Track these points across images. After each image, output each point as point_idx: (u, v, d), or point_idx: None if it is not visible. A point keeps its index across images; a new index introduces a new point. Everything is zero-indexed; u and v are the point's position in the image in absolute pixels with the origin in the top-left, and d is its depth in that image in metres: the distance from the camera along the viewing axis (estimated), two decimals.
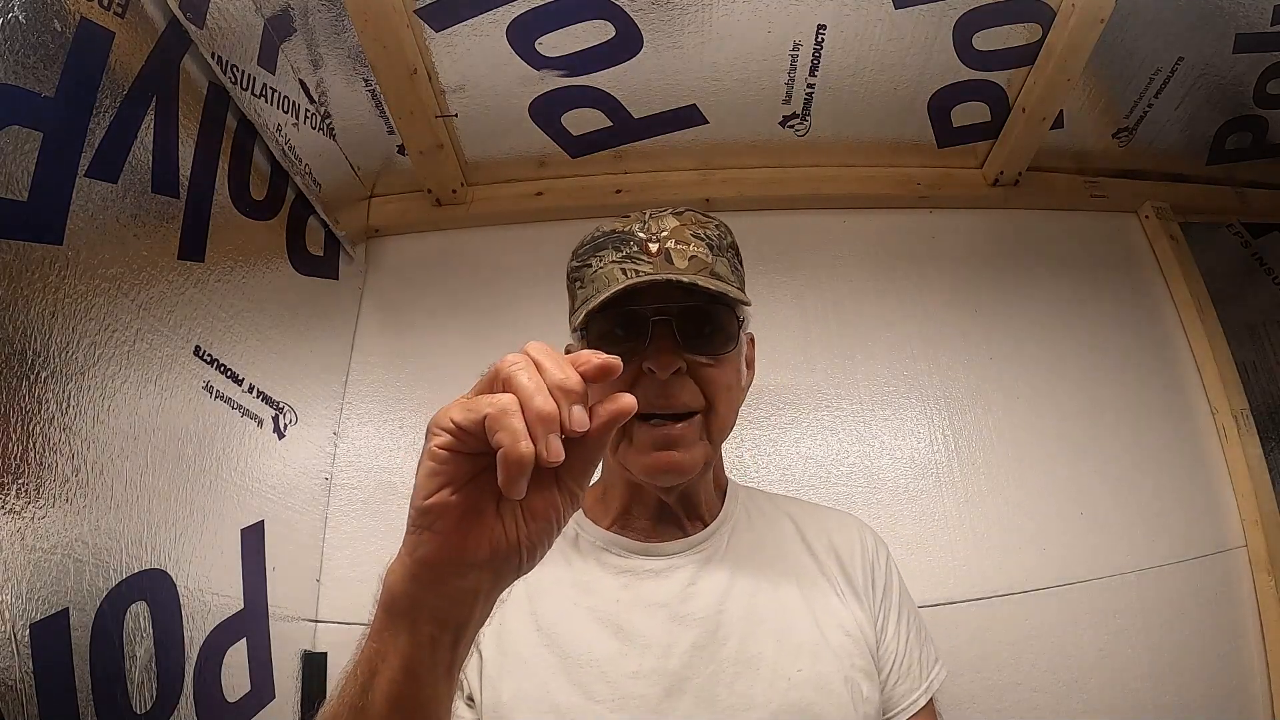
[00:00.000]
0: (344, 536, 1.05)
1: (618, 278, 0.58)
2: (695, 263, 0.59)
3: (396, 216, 1.25)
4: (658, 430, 0.58)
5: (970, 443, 1.11)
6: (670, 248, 0.60)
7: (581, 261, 0.64)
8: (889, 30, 1.05)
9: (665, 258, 0.59)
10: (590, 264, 0.62)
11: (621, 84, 1.10)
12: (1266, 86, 1.16)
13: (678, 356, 0.58)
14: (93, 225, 0.64)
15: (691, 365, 0.59)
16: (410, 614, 0.38)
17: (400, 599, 0.38)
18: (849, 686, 0.59)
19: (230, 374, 0.85)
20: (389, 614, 0.39)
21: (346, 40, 0.99)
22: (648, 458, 0.59)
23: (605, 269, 0.60)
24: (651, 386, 0.58)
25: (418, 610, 0.38)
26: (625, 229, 0.62)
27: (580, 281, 0.63)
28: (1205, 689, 1.00)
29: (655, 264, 0.59)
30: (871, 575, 0.68)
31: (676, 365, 0.57)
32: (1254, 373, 1.22)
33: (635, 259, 0.59)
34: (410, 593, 0.38)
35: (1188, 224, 1.29)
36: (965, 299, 1.20)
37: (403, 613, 0.38)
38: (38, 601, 0.55)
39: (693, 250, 0.60)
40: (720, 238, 0.64)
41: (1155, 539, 1.07)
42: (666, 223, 0.62)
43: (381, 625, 0.39)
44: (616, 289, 0.57)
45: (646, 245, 0.60)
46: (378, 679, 0.39)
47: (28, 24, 0.58)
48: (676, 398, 0.58)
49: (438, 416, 0.38)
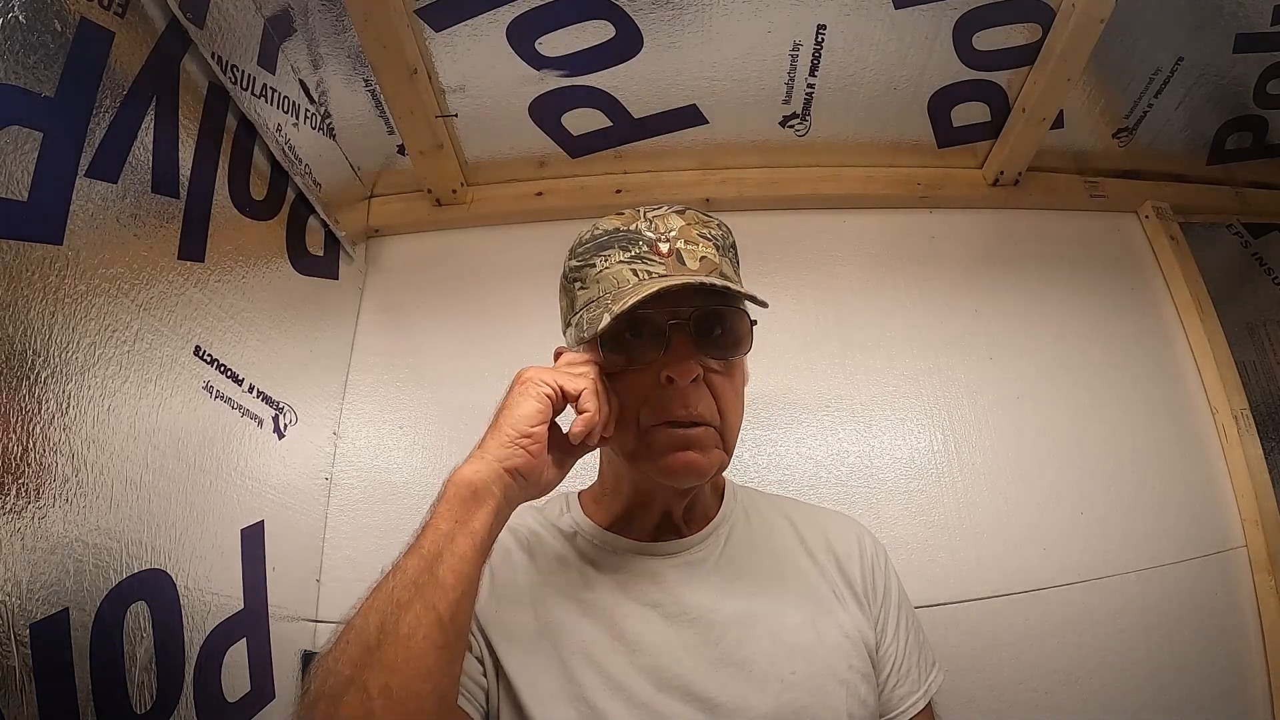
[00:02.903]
0: (344, 536, 1.05)
1: (628, 278, 0.57)
2: (706, 263, 0.59)
3: (396, 216, 1.25)
4: (677, 433, 0.58)
5: (970, 443, 1.11)
6: (681, 248, 0.59)
7: (583, 261, 0.61)
8: (889, 30, 1.05)
9: (677, 258, 0.58)
10: (594, 264, 0.60)
11: (621, 84, 1.10)
12: (1266, 86, 1.16)
13: (696, 363, 0.57)
14: (93, 225, 0.64)
15: (705, 374, 0.58)
16: (488, 499, 0.51)
17: (482, 489, 0.51)
18: (845, 688, 0.59)
19: (230, 374, 0.85)
20: (468, 500, 0.51)
21: (346, 40, 0.99)
22: (667, 459, 0.58)
23: (613, 269, 0.58)
24: (671, 394, 0.57)
25: (492, 497, 0.51)
26: (629, 227, 0.60)
27: (582, 282, 0.61)
28: (1205, 689, 1.00)
29: (668, 264, 0.58)
30: (871, 578, 0.68)
31: (696, 372, 0.57)
32: (1253, 373, 1.22)
33: (646, 259, 0.58)
34: (491, 486, 0.51)
35: (1188, 224, 1.29)
36: (965, 299, 1.20)
37: (483, 498, 0.51)
38: (38, 601, 0.55)
39: (702, 250, 0.59)
40: (723, 237, 0.63)
41: (1155, 539, 1.07)
42: (673, 222, 0.61)
43: (455, 512, 0.50)
44: (646, 293, 0.54)
45: (656, 245, 0.58)
46: (445, 556, 0.48)
47: (28, 24, 0.58)
48: (695, 406, 0.58)
49: (539, 374, 0.55)
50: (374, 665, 0.43)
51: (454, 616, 0.47)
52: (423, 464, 1.09)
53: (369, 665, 0.43)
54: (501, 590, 0.62)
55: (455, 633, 0.47)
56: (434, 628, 0.45)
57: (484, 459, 0.52)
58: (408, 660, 0.44)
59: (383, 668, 0.43)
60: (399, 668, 0.43)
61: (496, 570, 0.63)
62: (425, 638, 0.45)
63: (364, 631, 0.45)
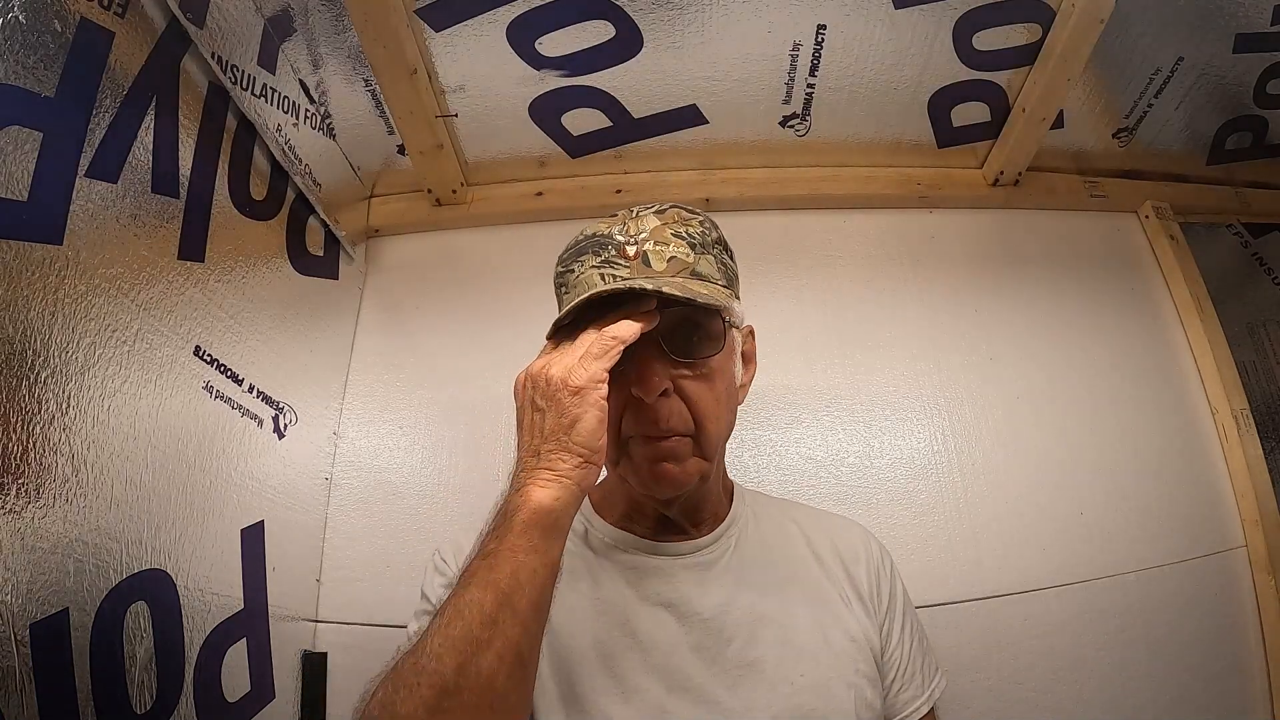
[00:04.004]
0: (344, 536, 1.05)
1: (595, 283, 0.57)
2: (675, 263, 0.58)
3: (396, 216, 1.25)
4: (650, 447, 0.58)
5: (970, 443, 1.10)
6: (649, 249, 0.58)
7: (565, 267, 0.62)
8: (889, 30, 1.04)
9: (643, 260, 0.57)
10: (573, 269, 0.60)
11: (621, 84, 1.10)
12: (1266, 86, 1.16)
13: (664, 375, 0.56)
14: (93, 225, 0.64)
15: (678, 382, 0.57)
16: (566, 525, 0.49)
17: (563, 516, 0.49)
18: (852, 692, 0.59)
19: (230, 374, 0.85)
20: (549, 530, 0.48)
21: (346, 40, 0.99)
22: (644, 471, 0.58)
23: (585, 274, 0.58)
24: (640, 409, 0.57)
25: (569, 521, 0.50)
26: (605, 231, 0.60)
27: (565, 287, 0.62)
28: (1205, 689, 1.00)
29: (633, 267, 0.57)
30: (878, 584, 0.68)
31: (663, 386, 0.56)
32: (1253, 373, 1.22)
33: (613, 263, 0.57)
34: (570, 511, 0.49)
35: (1188, 224, 1.29)
36: (965, 299, 1.20)
37: (564, 526, 0.49)
38: (38, 601, 0.55)
39: (672, 250, 0.58)
40: (704, 234, 0.61)
41: (1155, 539, 1.07)
42: (647, 223, 0.60)
43: (535, 542, 0.47)
44: (578, 301, 0.55)
45: (624, 249, 0.58)
46: (526, 589, 0.45)
47: (28, 24, 0.58)
48: (665, 421, 0.57)
49: (575, 377, 0.51)
50: (454, 710, 0.42)
51: (532, 649, 0.46)
52: (423, 464, 1.09)
53: (448, 711, 0.41)
54: None
55: (532, 664, 0.47)
56: (515, 666, 0.44)
57: (561, 483, 0.49)
58: (491, 703, 0.43)
59: (464, 711, 0.42)
60: (482, 711, 0.42)
61: None
62: (508, 677, 0.43)
63: (439, 675, 0.42)
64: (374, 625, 0.99)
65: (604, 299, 0.55)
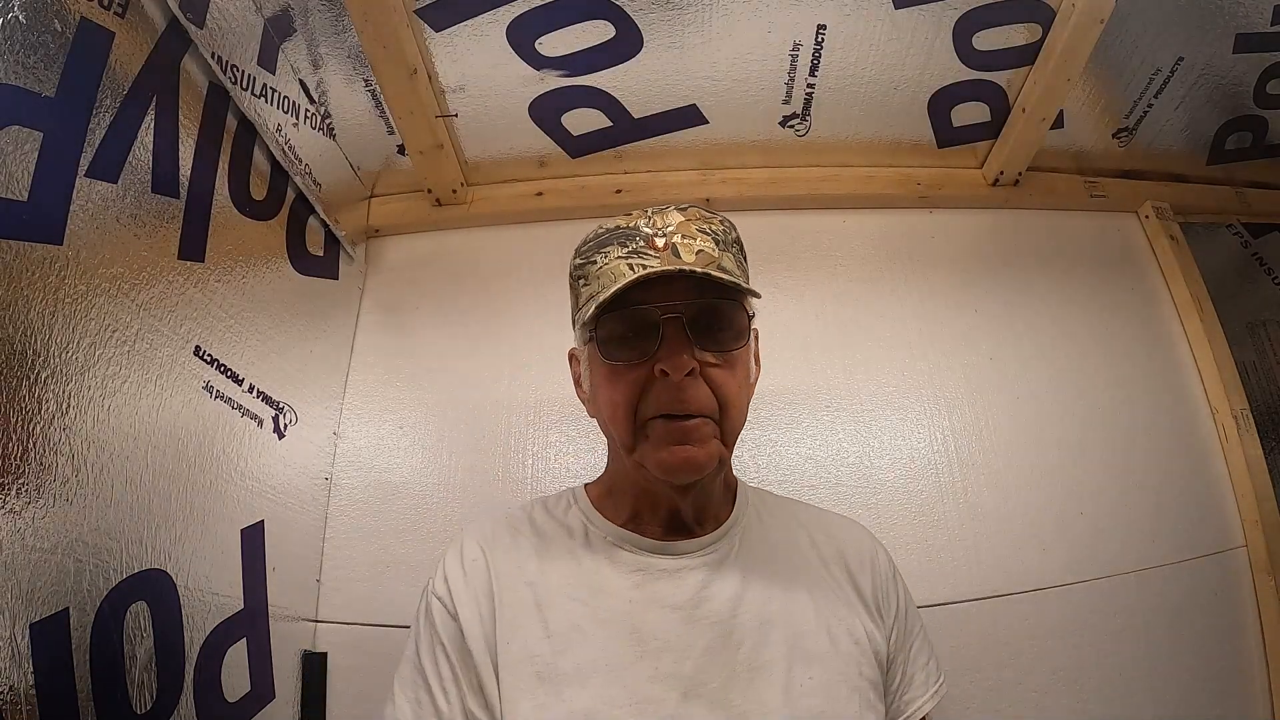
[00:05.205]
0: (344, 536, 1.05)
1: (624, 273, 0.58)
2: (703, 256, 0.59)
3: (396, 216, 1.25)
4: (674, 425, 0.58)
5: (970, 443, 1.10)
6: (677, 242, 0.59)
7: (586, 259, 0.63)
8: (889, 30, 1.05)
9: (673, 252, 0.58)
10: (595, 260, 0.61)
11: (621, 84, 1.10)
12: (1266, 86, 1.17)
13: (690, 356, 0.57)
14: (93, 225, 0.64)
15: (702, 365, 0.58)
16: None
17: None
18: (858, 695, 0.59)
19: (230, 374, 0.85)
20: None
21: (346, 40, 0.99)
22: (664, 453, 0.58)
23: (611, 264, 0.59)
24: (666, 388, 0.57)
25: None
26: (630, 225, 0.61)
27: (585, 279, 0.62)
28: (1205, 689, 1.00)
29: (663, 258, 0.58)
30: (884, 592, 0.68)
31: (690, 366, 0.57)
32: (1253, 373, 1.22)
33: (642, 254, 0.58)
34: None
35: (1188, 224, 1.29)
36: (965, 299, 1.20)
37: None
38: (38, 601, 0.55)
39: (699, 244, 0.59)
40: (725, 233, 0.63)
41: (1155, 539, 1.07)
42: (671, 218, 0.61)
43: None
44: (627, 280, 0.56)
45: (653, 240, 0.59)
46: None
47: (28, 24, 0.58)
48: (692, 400, 0.58)
49: None
50: None
51: None
52: (422, 464, 1.09)
53: None
54: (511, 616, 0.60)
55: None
56: None
57: None
58: None
59: None
60: None
61: (503, 596, 0.61)
62: None
63: None
64: (374, 625, 0.99)
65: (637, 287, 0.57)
